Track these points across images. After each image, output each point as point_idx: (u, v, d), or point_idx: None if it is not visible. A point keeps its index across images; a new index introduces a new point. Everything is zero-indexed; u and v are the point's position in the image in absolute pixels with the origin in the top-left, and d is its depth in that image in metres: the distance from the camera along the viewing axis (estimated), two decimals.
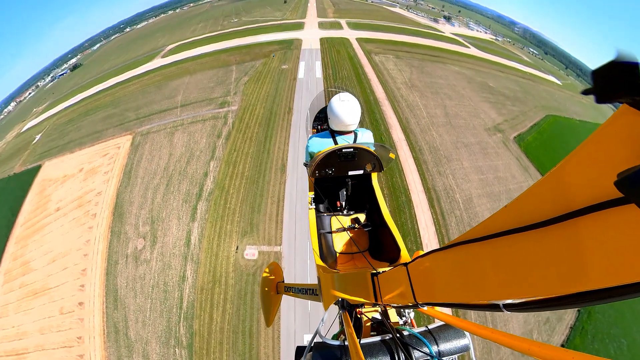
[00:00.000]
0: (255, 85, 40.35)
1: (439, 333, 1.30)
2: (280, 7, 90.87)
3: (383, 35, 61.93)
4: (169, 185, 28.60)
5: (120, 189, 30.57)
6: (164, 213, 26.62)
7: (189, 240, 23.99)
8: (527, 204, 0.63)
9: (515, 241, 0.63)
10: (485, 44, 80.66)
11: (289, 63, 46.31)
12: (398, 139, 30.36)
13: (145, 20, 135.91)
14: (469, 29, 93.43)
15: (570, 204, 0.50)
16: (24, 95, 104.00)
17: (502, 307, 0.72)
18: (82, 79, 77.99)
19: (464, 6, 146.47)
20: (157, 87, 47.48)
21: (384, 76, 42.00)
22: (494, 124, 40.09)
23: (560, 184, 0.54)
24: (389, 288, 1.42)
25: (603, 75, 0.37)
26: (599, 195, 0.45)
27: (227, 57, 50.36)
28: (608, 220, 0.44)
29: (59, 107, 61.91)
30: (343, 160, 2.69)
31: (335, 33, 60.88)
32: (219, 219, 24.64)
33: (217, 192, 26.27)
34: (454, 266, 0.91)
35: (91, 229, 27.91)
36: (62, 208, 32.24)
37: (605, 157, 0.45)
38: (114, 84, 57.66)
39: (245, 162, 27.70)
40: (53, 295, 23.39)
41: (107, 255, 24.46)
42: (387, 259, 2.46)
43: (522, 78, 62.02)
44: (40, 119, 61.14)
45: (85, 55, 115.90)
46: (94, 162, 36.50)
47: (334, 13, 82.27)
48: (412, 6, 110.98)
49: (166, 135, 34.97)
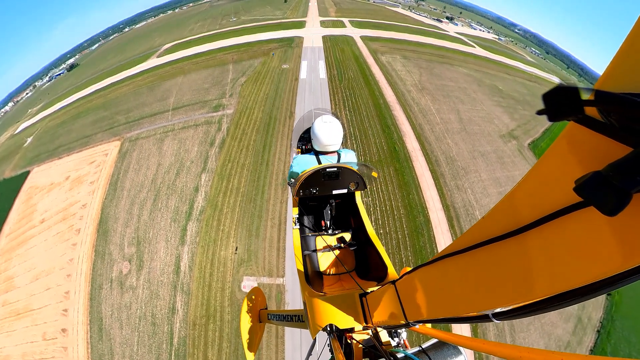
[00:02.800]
0: (253, 86, 35.46)
1: (433, 352, 1.20)
2: (280, 7, 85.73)
3: (387, 34, 57.07)
4: (156, 201, 24.33)
5: (105, 202, 26.79)
6: (150, 233, 22.53)
7: (178, 267, 19.97)
8: (506, 211, 0.62)
9: (499, 249, 0.62)
10: (488, 43, 76.11)
11: (290, 62, 41.37)
12: (413, 149, 25.85)
13: (145, 20, 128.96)
14: (472, 28, 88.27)
15: (539, 211, 0.52)
16: (22, 95, 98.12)
17: (491, 316, 0.70)
18: (78, 79, 73.62)
19: (465, 8, 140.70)
20: (149, 89, 42.86)
21: (393, 78, 37.27)
22: (508, 130, 36.25)
23: (535, 190, 0.55)
24: (379, 308, 1.36)
25: (552, 98, 0.40)
26: (563, 201, 0.47)
27: (223, 56, 45.26)
28: (574, 223, 0.46)
29: (52, 108, 57.99)
30: (327, 179, 2.54)
31: (338, 31, 55.84)
32: (212, 244, 20.35)
33: (209, 210, 21.83)
34: (441, 279, 0.87)
35: (75, 246, 24.87)
36: (47, 220, 29.44)
37: (561, 169, 0.48)
38: (107, 85, 53.19)
39: (240, 176, 23.13)
40: (36, 317, 20.72)
41: (91, 277, 21.37)
42: (374, 278, 2.26)
43: (528, 80, 58.47)
44: (33, 121, 57.51)
45: (83, 55, 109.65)
46: (80, 170, 33.74)
47: (336, 12, 76.86)
48: (414, 7, 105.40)
49: (155, 142, 30.46)
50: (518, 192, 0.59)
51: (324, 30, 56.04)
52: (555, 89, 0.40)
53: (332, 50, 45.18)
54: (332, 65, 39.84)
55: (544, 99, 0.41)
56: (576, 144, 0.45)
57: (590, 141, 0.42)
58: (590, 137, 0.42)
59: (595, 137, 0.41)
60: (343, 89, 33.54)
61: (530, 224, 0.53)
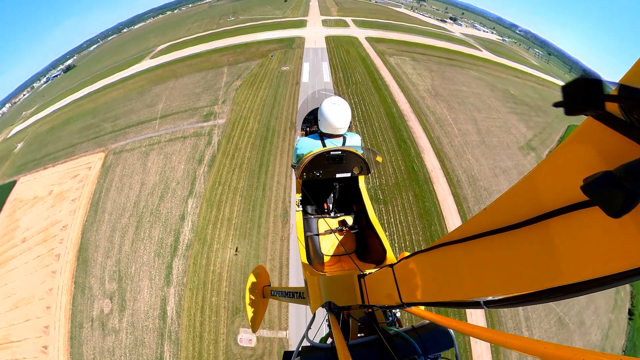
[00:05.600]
0: (249, 91, 30.50)
1: (424, 331, 1.23)
2: (280, 6, 79.75)
3: (393, 34, 51.80)
4: (138, 229, 20.25)
5: (85, 226, 23.46)
6: (132, 268, 18.69)
7: (165, 312, 16.21)
8: (503, 207, 0.61)
9: (492, 242, 0.62)
10: (494, 45, 70.83)
11: (290, 64, 36.33)
12: (433, 168, 21.27)
13: (144, 21, 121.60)
14: (475, 29, 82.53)
15: (541, 207, 0.50)
16: (19, 97, 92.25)
17: (482, 304, 0.70)
18: (72, 81, 68.84)
19: (465, 9, 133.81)
20: (139, 93, 38.13)
21: (404, 82, 32.39)
22: (525, 140, 32.13)
23: (532, 189, 0.54)
24: (376, 289, 1.38)
25: (571, 90, 0.37)
26: (568, 198, 0.45)
27: (219, 58, 40.04)
28: (576, 221, 0.44)
29: (44, 112, 53.83)
30: (331, 162, 2.42)
31: (341, 31, 50.59)
32: (201, 287, 16.23)
33: (197, 245, 17.49)
34: (436, 266, 0.88)
35: (54, 274, 21.90)
36: (28, 240, 26.84)
37: (573, 165, 0.45)
38: (99, 88, 48.75)
39: (232, 203, 18.57)
40: (15, 351, 18.62)
41: (71, 313, 18.71)
42: (373, 261, 2.26)
43: (537, 84, 53.98)
44: (26, 124, 53.61)
45: (81, 56, 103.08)
46: (63, 184, 30.77)
47: (338, 12, 71.11)
48: (416, 7, 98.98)
49: (140, 156, 25.93)
50: (539, 176, 0.54)
51: (326, 30, 50.82)
52: (576, 81, 0.37)
53: (337, 51, 40.10)
54: (337, 68, 34.80)
55: (563, 90, 0.38)
56: (591, 140, 0.42)
57: (607, 139, 0.39)
58: (607, 135, 0.39)
59: (612, 135, 0.38)
60: (351, 94, 28.57)
61: (556, 210, 0.46)
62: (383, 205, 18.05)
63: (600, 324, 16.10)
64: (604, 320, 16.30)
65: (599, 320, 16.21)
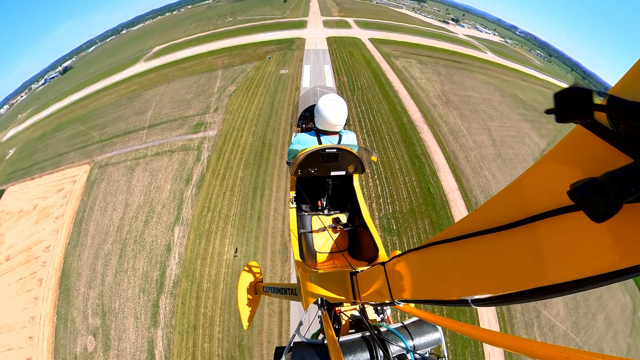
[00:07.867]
0: (243, 97, 26.95)
1: (413, 328, 1.23)
2: (279, 7, 75.18)
3: (397, 36, 47.92)
4: (122, 258, 17.28)
5: (68, 249, 20.76)
6: (117, 303, 15.79)
7: (153, 355, 13.33)
8: (493, 209, 0.61)
9: (480, 242, 0.62)
10: (498, 47, 66.88)
11: (289, 67, 32.67)
12: (450, 190, 18.04)
13: (143, 22, 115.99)
14: (478, 31, 78.23)
15: (529, 210, 0.50)
16: (17, 98, 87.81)
17: (470, 302, 0.69)
18: (68, 83, 65.06)
19: (466, 10, 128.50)
20: (129, 99, 34.58)
21: (413, 88, 28.84)
22: (539, 150, 29.01)
23: (521, 192, 0.54)
24: (367, 286, 1.37)
25: (563, 98, 0.38)
26: (555, 202, 0.45)
27: (213, 60, 36.20)
28: (562, 225, 0.45)
29: (38, 115, 50.35)
30: (326, 160, 2.37)
31: (344, 32, 46.51)
32: (192, 331, 13.35)
33: (186, 283, 14.46)
34: (426, 265, 0.88)
35: (36, 300, 19.67)
36: (12, 259, 24.34)
37: (561, 170, 0.46)
38: (93, 92, 45.50)
39: (224, 235, 15.36)
40: None
41: (54, 347, 16.26)
42: (365, 259, 2.21)
43: (543, 87, 50.56)
44: (20, 128, 50.23)
45: (79, 57, 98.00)
46: (48, 198, 28.06)
47: (339, 12, 66.63)
48: (418, 8, 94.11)
49: (125, 171, 22.69)
50: (528, 181, 0.54)
51: (327, 31, 46.75)
52: (568, 89, 0.37)
53: (339, 53, 36.22)
54: (341, 71, 31.13)
55: (555, 98, 0.39)
56: (579, 147, 0.42)
57: (594, 146, 0.40)
58: (594, 143, 0.39)
59: (600, 143, 0.38)
60: (357, 101, 24.97)
61: (543, 213, 0.47)
62: (397, 237, 14.92)
63: (619, 350, 14.04)
64: (622, 347, 14.21)
65: (617, 347, 14.03)
